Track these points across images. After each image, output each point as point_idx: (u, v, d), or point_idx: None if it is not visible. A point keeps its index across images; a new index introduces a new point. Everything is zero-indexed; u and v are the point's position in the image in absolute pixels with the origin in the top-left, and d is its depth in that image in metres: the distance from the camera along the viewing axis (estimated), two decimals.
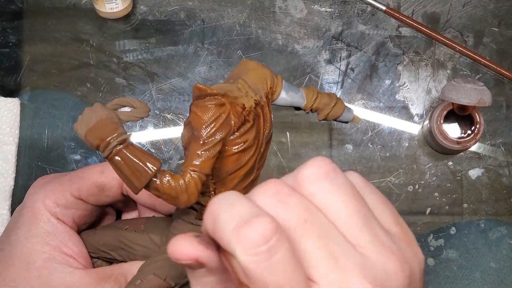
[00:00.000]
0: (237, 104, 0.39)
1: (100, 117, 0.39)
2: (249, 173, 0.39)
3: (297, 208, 0.26)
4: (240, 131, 0.38)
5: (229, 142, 0.38)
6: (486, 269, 0.64)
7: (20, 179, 0.68)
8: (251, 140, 0.39)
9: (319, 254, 0.25)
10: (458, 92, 0.61)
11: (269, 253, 0.24)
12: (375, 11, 0.71)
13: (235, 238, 0.24)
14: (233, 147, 0.38)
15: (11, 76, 0.71)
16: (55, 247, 0.43)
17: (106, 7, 0.68)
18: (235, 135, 0.39)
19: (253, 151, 0.39)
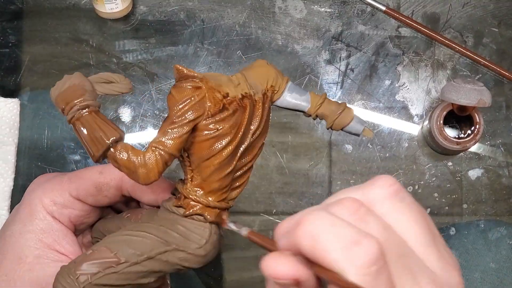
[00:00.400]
0: (218, 90, 0.38)
1: (73, 83, 0.39)
2: (224, 164, 0.39)
3: (377, 228, 0.27)
4: (215, 118, 0.38)
5: (202, 127, 0.38)
6: (485, 270, 0.64)
7: (20, 179, 0.68)
8: (226, 129, 0.38)
9: (400, 271, 0.27)
10: (458, 93, 0.61)
11: (378, 273, 0.26)
12: (374, 11, 0.72)
13: (345, 257, 0.25)
14: (205, 132, 0.38)
15: (11, 76, 0.71)
16: (48, 244, 0.43)
17: (106, 7, 0.68)
18: (208, 120, 0.38)
19: (228, 141, 0.38)
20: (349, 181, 0.69)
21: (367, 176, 0.69)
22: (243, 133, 0.39)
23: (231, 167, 0.39)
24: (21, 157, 0.69)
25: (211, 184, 0.40)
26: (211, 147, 0.38)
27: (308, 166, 0.70)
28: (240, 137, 0.39)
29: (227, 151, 0.39)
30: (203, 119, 0.38)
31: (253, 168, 0.42)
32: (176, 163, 0.40)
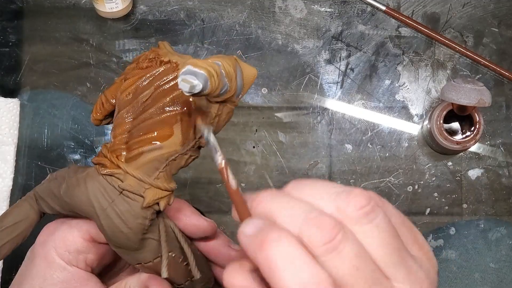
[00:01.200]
0: (154, 52, 0.40)
1: None
2: (119, 113, 0.39)
3: (349, 256, 0.28)
4: (136, 67, 0.40)
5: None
6: (485, 269, 0.64)
7: (19, 178, 0.68)
8: (131, 77, 0.39)
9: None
10: (458, 93, 0.61)
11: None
12: (375, 11, 0.72)
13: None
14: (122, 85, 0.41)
15: (11, 75, 0.71)
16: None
17: (106, 6, 0.68)
18: (133, 72, 0.40)
19: (125, 86, 0.39)
20: (349, 181, 0.69)
21: (367, 176, 0.69)
22: (144, 84, 0.39)
23: (126, 114, 0.39)
24: (20, 157, 0.69)
25: (113, 129, 0.40)
26: (120, 93, 0.40)
27: (308, 166, 0.70)
28: (138, 86, 0.39)
29: (125, 95, 0.39)
30: (131, 69, 0.40)
31: (253, 166, 0.41)
32: None
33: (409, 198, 0.69)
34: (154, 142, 0.38)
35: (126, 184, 0.38)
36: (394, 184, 0.69)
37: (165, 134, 0.38)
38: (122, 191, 0.38)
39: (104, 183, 0.38)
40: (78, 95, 0.70)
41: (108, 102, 0.41)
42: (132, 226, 0.38)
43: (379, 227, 0.29)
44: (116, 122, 0.39)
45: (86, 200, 0.38)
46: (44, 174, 0.69)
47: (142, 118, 0.38)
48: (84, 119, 0.70)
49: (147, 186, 0.38)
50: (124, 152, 0.38)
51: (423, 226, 0.68)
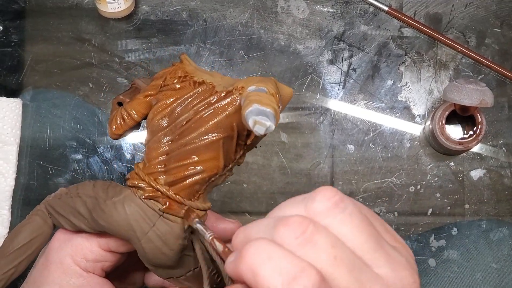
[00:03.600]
0: (183, 70, 0.40)
1: None
2: (154, 134, 0.40)
3: (325, 247, 0.28)
4: (164, 88, 0.40)
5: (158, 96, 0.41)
6: (487, 269, 0.65)
7: (22, 178, 0.68)
8: (162, 99, 0.39)
9: (352, 286, 0.27)
10: (460, 93, 0.61)
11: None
12: (377, 11, 0.72)
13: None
14: (154, 101, 0.40)
15: (13, 75, 0.71)
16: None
17: (108, 6, 0.68)
18: (162, 89, 0.40)
19: (158, 107, 0.39)
20: (351, 181, 0.69)
21: (369, 176, 0.69)
22: (180, 105, 0.39)
23: (162, 136, 0.39)
24: (23, 156, 0.69)
25: (148, 151, 0.40)
26: (152, 116, 0.40)
27: (310, 166, 0.70)
28: (174, 107, 0.39)
29: (159, 116, 0.39)
30: (159, 88, 0.40)
31: (255, 166, 0.41)
32: None
33: (411, 198, 0.69)
34: (196, 167, 0.38)
35: (167, 207, 0.38)
36: (396, 184, 0.69)
37: (208, 158, 0.38)
38: (163, 214, 0.38)
39: (144, 207, 0.38)
40: (80, 95, 0.71)
41: (130, 117, 0.41)
42: (174, 247, 0.39)
43: (352, 215, 0.29)
44: (152, 146, 0.39)
45: (126, 225, 0.38)
46: (46, 173, 0.69)
47: (182, 143, 0.38)
48: (86, 119, 0.70)
49: (186, 209, 0.38)
50: (163, 176, 0.38)
51: (425, 227, 0.68)
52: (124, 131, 0.42)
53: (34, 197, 0.69)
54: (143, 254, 0.39)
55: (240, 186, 0.69)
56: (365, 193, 0.69)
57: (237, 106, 0.38)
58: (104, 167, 0.69)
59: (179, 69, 0.40)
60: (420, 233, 0.68)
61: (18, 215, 0.68)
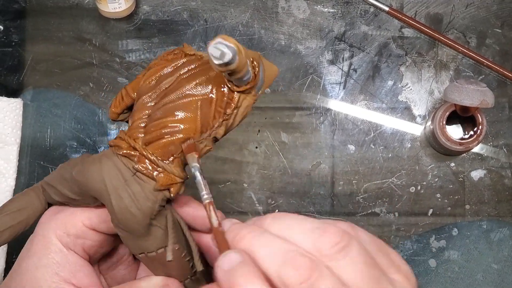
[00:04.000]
0: (180, 49, 0.41)
1: None
2: (139, 99, 0.40)
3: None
4: (160, 59, 0.41)
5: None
6: (487, 270, 0.64)
7: (22, 178, 0.68)
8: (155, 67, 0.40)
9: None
10: (461, 93, 0.61)
11: None
12: (378, 11, 0.72)
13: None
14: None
15: (14, 75, 0.71)
16: (64, 278, 0.43)
17: (109, 6, 0.68)
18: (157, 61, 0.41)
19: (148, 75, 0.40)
20: (351, 182, 0.69)
21: (369, 177, 0.69)
22: (169, 74, 0.40)
23: (146, 100, 0.39)
24: (23, 156, 0.69)
25: (132, 116, 0.40)
26: (142, 82, 0.40)
27: (311, 166, 0.70)
28: (162, 74, 0.40)
29: (147, 83, 0.40)
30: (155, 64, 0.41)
31: (256, 166, 0.41)
32: None
33: (412, 199, 0.69)
34: (173, 126, 0.39)
35: (140, 165, 0.38)
36: (396, 185, 0.69)
37: (185, 118, 0.38)
38: (136, 172, 0.38)
39: (119, 163, 0.38)
40: (80, 95, 0.71)
41: (128, 95, 0.41)
42: (142, 208, 0.38)
43: (353, 259, 0.31)
44: (136, 107, 0.40)
45: (99, 178, 0.38)
46: (47, 173, 0.69)
47: (162, 103, 0.39)
48: (87, 118, 0.70)
49: (160, 170, 0.38)
50: (142, 135, 0.39)
51: (425, 227, 0.68)
52: (122, 109, 0.42)
53: None
54: (112, 212, 0.39)
55: (240, 186, 0.69)
56: (366, 193, 0.69)
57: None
58: None
59: (177, 49, 0.41)
60: (421, 234, 0.68)
61: None
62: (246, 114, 0.41)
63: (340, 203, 0.69)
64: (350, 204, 0.69)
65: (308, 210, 0.69)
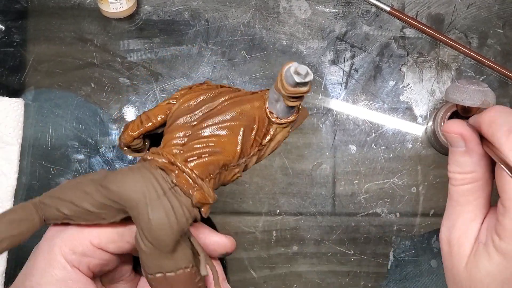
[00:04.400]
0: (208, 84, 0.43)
1: None
2: (175, 121, 0.41)
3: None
4: (191, 91, 0.42)
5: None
6: None
7: (23, 178, 0.68)
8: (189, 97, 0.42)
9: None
10: (462, 94, 0.60)
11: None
12: (379, 12, 0.72)
13: (505, 138, 0.36)
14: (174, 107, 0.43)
15: (15, 75, 0.71)
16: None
17: (111, 6, 0.68)
18: (187, 94, 0.42)
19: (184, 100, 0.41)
20: (353, 182, 0.69)
21: (371, 177, 0.69)
22: (207, 101, 0.41)
23: (183, 122, 0.40)
24: (24, 156, 0.69)
25: (165, 136, 0.41)
26: (178, 105, 0.42)
27: (312, 167, 0.70)
28: (201, 101, 0.41)
29: (184, 107, 0.41)
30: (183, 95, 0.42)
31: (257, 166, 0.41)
32: None
33: (413, 199, 0.69)
34: (215, 147, 0.39)
35: (179, 180, 0.38)
36: (398, 185, 0.69)
37: (227, 141, 0.39)
38: (174, 186, 0.38)
39: (158, 176, 0.38)
40: (82, 95, 0.71)
41: (149, 120, 0.42)
42: (179, 222, 0.38)
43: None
44: (172, 128, 0.40)
45: (137, 188, 0.38)
46: (48, 173, 0.69)
47: (205, 124, 0.39)
48: (88, 119, 0.70)
49: (197, 188, 0.39)
50: (181, 151, 0.39)
51: (427, 227, 0.68)
52: (140, 133, 0.42)
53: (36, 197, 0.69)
54: (147, 223, 0.38)
55: (242, 187, 0.69)
56: (367, 193, 0.69)
57: (262, 101, 0.40)
58: (106, 167, 0.70)
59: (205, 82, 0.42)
60: (422, 234, 0.68)
61: None
62: (276, 149, 0.42)
63: (341, 203, 0.69)
64: (351, 204, 0.69)
65: (309, 210, 0.69)
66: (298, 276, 0.69)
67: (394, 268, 0.68)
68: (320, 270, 0.69)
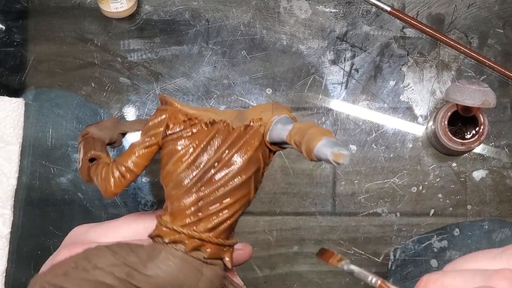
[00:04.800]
0: (182, 113, 0.39)
1: (104, 123, 0.45)
2: (178, 185, 0.38)
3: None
4: (172, 136, 0.38)
5: (164, 146, 0.38)
6: None
7: (24, 177, 0.68)
8: (177, 148, 0.38)
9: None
10: (463, 94, 0.60)
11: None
12: (379, 12, 0.72)
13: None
14: (164, 150, 0.38)
15: (16, 75, 0.71)
16: None
17: (111, 6, 0.68)
18: (167, 138, 0.38)
19: (177, 158, 0.38)
20: (353, 181, 0.69)
21: (371, 177, 0.69)
22: (203, 151, 0.38)
23: (189, 184, 0.38)
24: (25, 156, 0.69)
25: (172, 203, 0.38)
26: (166, 165, 0.38)
27: (312, 167, 0.70)
28: (197, 154, 0.38)
29: (180, 170, 0.38)
30: (162, 137, 0.38)
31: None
32: None
33: (413, 199, 0.69)
34: (232, 208, 0.38)
35: (210, 254, 0.37)
36: (398, 185, 0.69)
37: (241, 196, 0.38)
38: (207, 260, 0.38)
39: (190, 259, 0.37)
40: (82, 95, 0.71)
41: (132, 172, 0.39)
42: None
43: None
44: (179, 197, 0.38)
45: (175, 282, 0.37)
46: (48, 173, 0.69)
47: (213, 189, 0.38)
48: (89, 118, 0.70)
49: (226, 249, 0.38)
50: (201, 224, 0.38)
51: (427, 227, 0.68)
52: (125, 187, 0.41)
53: (36, 196, 0.69)
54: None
55: None
56: (367, 193, 0.69)
57: (260, 137, 0.38)
58: None
59: (177, 113, 0.39)
60: (422, 234, 0.68)
61: (20, 215, 0.68)
62: None
63: (341, 203, 0.69)
64: (352, 204, 0.69)
65: (309, 210, 0.69)
66: (299, 276, 0.69)
67: (394, 268, 0.68)
68: (320, 270, 0.69)
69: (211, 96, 0.70)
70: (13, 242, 0.67)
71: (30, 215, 0.69)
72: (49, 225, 0.69)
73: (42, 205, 0.69)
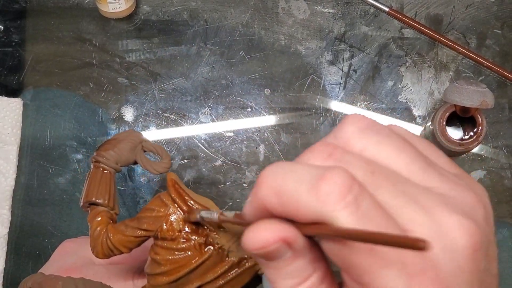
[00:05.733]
0: (180, 221, 0.38)
1: (122, 137, 0.45)
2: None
3: (359, 163, 0.23)
4: (163, 242, 0.38)
5: (154, 244, 0.39)
6: None
7: (22, 177, 0.68)
8: (164, 259, 0.37)
9: (398, 201, 0.22)
10: (461, 94, 0.61)
11: (357, 201, 0.21)
12: (378, 12, 0.72)
13: (315, 199, 0.21)
14: (152, 252, 0.39)
15: (14, 75, 0.71)
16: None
17: (109, 6, 0.68)
18: (157, 241, 0.38)
19: (162, 272, 0.38)
20: None
21: None
22: (186, 277, 0.37)
23: None
24: (23, 156, 0.69)
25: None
26: (151, 269, 0.38)
27: None
28: (179, 278, 0.37)
29: (164, 280, 0.38)
30: (154, 235, 0.38)
31: (256, 166, 0.40)
32: (178, 163, 0.40)
33: None
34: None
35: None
36: None
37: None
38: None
39: None
40: (81, 95, 0.71)
41: (119, 251, 0.40)
42: None
43: (390, 136, 0.24)
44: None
45: None
46: (47, 173, 0.69)
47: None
48: (87, 118, 0.70)
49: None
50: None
51: None
52: (111, 258, 0.41)
53: (34, 196, 0.69)
54: None
55: (240, 187, 0.69)
56: None
57: (252, 272, 0.38)
58: None
59: (170, 215, 0.38)
60: None
61: (19, 215, 0.68)
62: None
63: None
64: None
65: None
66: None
67: None
68: None
69: (209, 97, 0.70)
70: (11, 242, 0.67)
71: (28, 215, 0.69)
72: (47, 225, 0.69)
73: (40, 205, 0.69)
